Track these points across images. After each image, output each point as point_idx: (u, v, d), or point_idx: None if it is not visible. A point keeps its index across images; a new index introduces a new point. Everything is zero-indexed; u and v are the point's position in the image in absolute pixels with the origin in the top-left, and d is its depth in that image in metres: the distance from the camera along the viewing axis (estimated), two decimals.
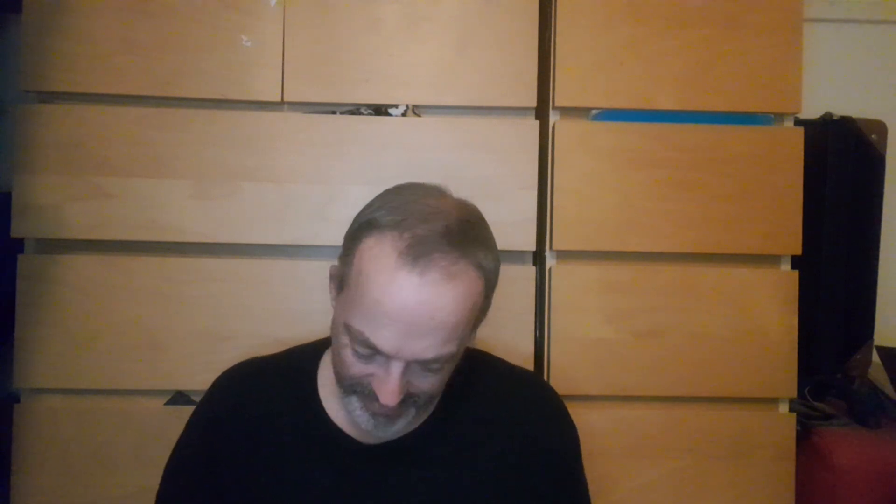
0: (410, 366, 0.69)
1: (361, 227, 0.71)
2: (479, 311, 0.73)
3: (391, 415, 0.72)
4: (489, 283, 0.73)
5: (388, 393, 0.69)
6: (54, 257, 1.09)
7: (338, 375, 0.75)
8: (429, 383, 0.72)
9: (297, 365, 0.85)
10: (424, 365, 0.69)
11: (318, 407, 0.81)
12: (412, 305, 0.66)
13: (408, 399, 0.72)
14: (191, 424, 0.85)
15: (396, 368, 0.69)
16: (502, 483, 0.80)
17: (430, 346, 0.68)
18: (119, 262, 1.09)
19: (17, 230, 1.09)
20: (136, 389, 1.10)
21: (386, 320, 0.67)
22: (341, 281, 0.73)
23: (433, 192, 0.74)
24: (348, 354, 0.71)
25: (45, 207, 1.08)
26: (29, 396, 1.10)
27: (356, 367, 0.71)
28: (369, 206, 0.75)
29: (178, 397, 1.10)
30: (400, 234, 0.68)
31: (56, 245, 1.10)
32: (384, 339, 0.67)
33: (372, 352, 0.69)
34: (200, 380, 1.09)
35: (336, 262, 0.76)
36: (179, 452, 0.84)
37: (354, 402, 0.74)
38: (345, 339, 0.71)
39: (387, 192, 0.76)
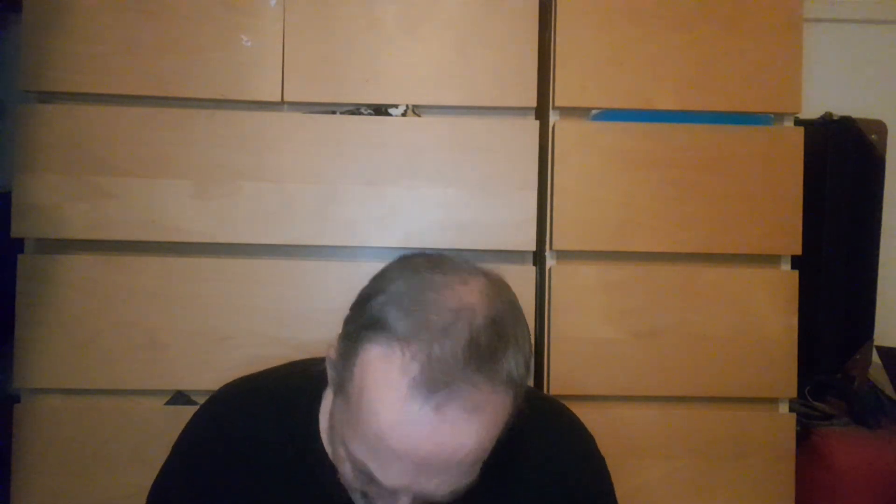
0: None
1: (366, 326, 0.58)
2: (506, 424, 0.60)
3: None
4: (518, 393, 0.59)
5: None
6: (54, 257, 1.09)
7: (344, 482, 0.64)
8: (443, 499, 0.59)
9: (299, 393, 0.75)
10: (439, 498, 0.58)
11: (319, 447, 0.71)
12: (426, 447, 0.54)
13: None
14: (175, 451, 0.77)
15: (404, 500, 0.58)
16: None
17: (444, 484, 0.57)
18: (119, 262, 1.09)
19: (17, 230, 1.09)
20: (136, 389, 1.10)
21: (393, 458, 0.55)
22: (339, 383, 0.61)
23: (454, 279, 0.59)
24: (347, 469, 0.61)
25: (45, 207, 1.08)
26: (29, 396, 1.10)
27: (356, 483, 0.61)
28: (377, 290, 0.60)
29: (178, 397, 1.10)
30: (413, 353, 0.54)
31: (56, 245, 1.10)
32: (391, 477, 0.56)
33: (368, 485, 0.59)
34: (200, 380, 1.09)
35: (333, 347, 0.64)
36: (162, 479, 0.78)
37: (358, 497, 0.64)
38: (342, 452, 0.60)
39: (400, 270, 0.62)
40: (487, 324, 0.56)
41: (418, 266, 0.61)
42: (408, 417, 0.53)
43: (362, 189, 1.11)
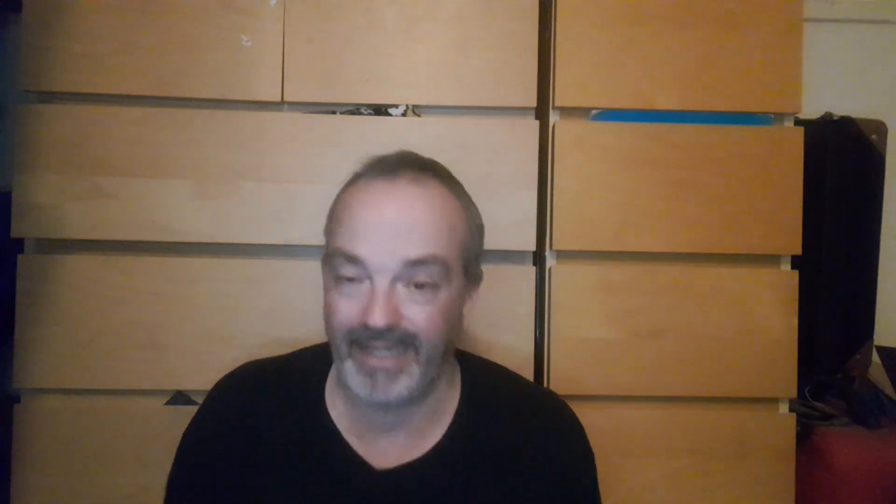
0: (397, 288, 0.69)
1: (346, 184, 0.78)
2: (463, 240, 0.75)
3: (390, 367, 0.69)
4: (471, 219, 0.78)
5: (377, 312, 0.67)
6: (54, 257, 1.09)
7: (333, 342, 0.72)
8: (424, 315, 0.69)
9: (302, 376, 0.81)
10: (410, 276, 0.69)
11: (328, 423, 0.77)
12: (387, 207, 0.70)
13: (406, 340, 0.69)
14: (189, 434, 0.81)
15: (382, 282, 0.68)
16: None
17: (415, 244, 0.69)
18: (119, 262, 1.09)
19: (17, 230, 1.09)
20: (136, 389, 1.10)
21: (363, 227, 0.69)
22: (328, 242, 0.76)
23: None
24: (335, 297, 0.71)
25: (45, 207, 1.08)
26: (29, 396, 1.10)
27: (344, 308, 0.70)
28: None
29: (178, 397, 1.10)
30: (365, 177, 0.75)
31: (56, 245, 1.10)
32: (365, 247, 0.68)
33: (355, 271, 0.69)
34: (200, 380, 1.09)
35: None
36: (178, 463, 0.81)
37: (350, 367, 0.70)
38: (330, 283, 0.73)
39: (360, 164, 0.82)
40: (428, 159, 0.79)
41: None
42: (371, 190, 0.72)
43: None
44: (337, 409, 0.78)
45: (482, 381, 0.83)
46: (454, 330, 0.75)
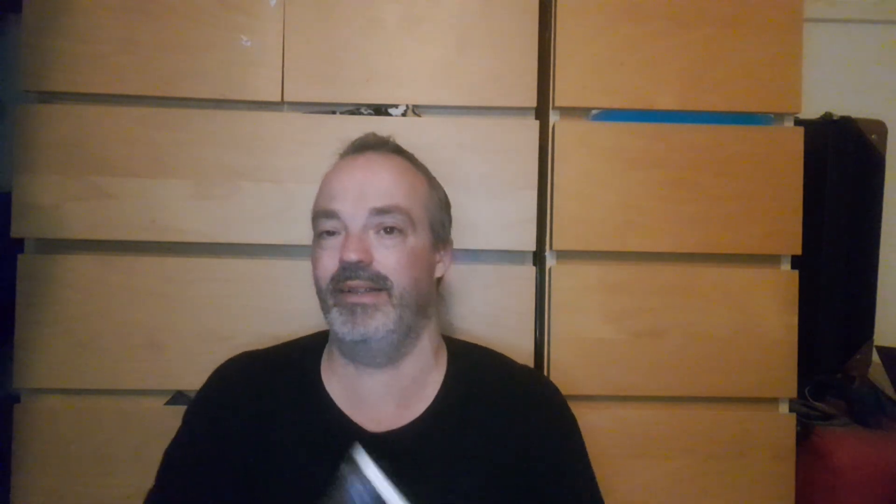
0: (368, 235, 0.79)
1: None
2: (425, 200, 0.86)
3: (366, 302, 0.77)
4: (430, 183, 0.89)
5: (350, 248, 0.77)
6: (54, 257, 1.09)
7: (320, 295, 0.81)
8: (393, 258, 0.79)
9: (299, 356, 0.88)
10: (379, 223, 0.79)
11: (324, 395, 0.83)
12: (357, 171, 0.83)
13: (378, 281, 0.78)
14: (189, 420, 0.85)
15: (354, 228, 0.79)
16: (500, 482, 0.81)
17: (379, 196, 0.80)
18: (119, 262, 1.09)
19: (17, 230, 1.09)
20: (136, 389, 1.10)
21: (338, 188, 0.81)
22: (313, 212, 0.84)
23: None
24: (317, 252, 0.81)
25: (45, 207, 1.08)
26: (29, 396, 1.10)
27: (325, 257, 0.80)
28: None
29: (178, 397, 1.10)
30: (345, 156, 0.88)
31: (56, 245, 1.10)
32: (339, 203, 0.80)
33: (332, 224, 0.80)
34: (200, 380, 1.08)
35: None
36: (178, 448, 0.84)
37: (335, 313, 0.79)
38: (314, 244, 0.83)
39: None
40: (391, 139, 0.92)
41: None
42: (344, 163, 0.86)
43: None
44: (332, 384, 0.84)
45: (466, 354, 0.90)
46: (424, 281, 0.83)
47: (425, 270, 0.84)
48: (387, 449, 0.79)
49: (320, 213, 0.82)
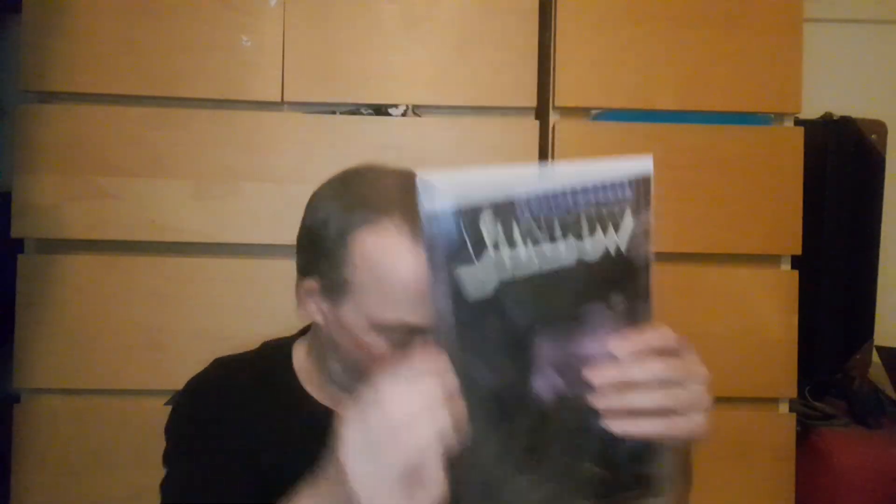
0: None
1: (341, 233, 0.70)
2: None
3: None
4: None
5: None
6: (54, 257, 1.09)
7: (361, 375, 0.71)
8: None
9: (270, 358, 0.86)
10: None
11: (302, 392, 0.81)
12: (421, 264, 0.66)
13: None
14: (172, 436, 0.82)
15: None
16: None
17: None
18: (119, 262, 1.09)
19: (17, 230, 1.09)
20: (136, 389, 1.10)
21: (420, 296, 0.66)
22: (337, 289, 0.71)
23: (370, 171, 0.76)
24: (382, 348, 0.70)
25: (45, 207, 1.08)
26: (29, 396, 1.10)
27: (392, 341, 0.70)
28: (322, 211, 0.73)
29: None
30: (391, 217, 0.68)
31: (56, 245, 1.10)
32: (422, 314, 0.67)
33: (403, 333, 0.69)
34: None
35: (304, 281, 0.74)
36: (172, 468, 0.81)
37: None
38: (373, 338, 0.70)
39: (328, 191, 0.76)
40: (412, 177, 0.66)
41: (333, 180, 0.77)
42: (414, 256, 0.66)
43: None
44: (309, 382, 0.81)
45: None
46: None
47: None
48: None
49: (397, 327, 0.68)
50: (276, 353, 0.86)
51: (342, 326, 0.73)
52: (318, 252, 0.72)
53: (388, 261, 0.68)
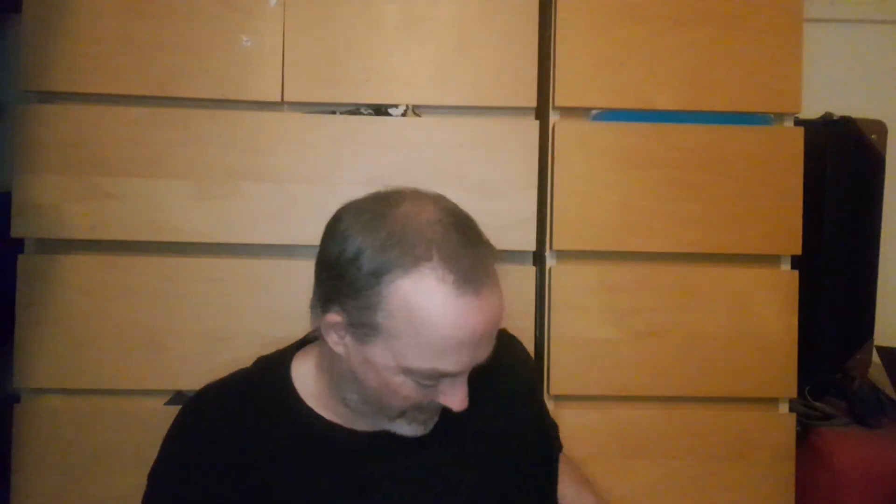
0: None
1: (375, 273, 0.66)
2: None
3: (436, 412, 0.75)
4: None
5: (460, 401, 0.71)
6: (54, 257, 1.09)
7: (381, 406, 0.74)
8: None
9: (268, 377, 0.82)
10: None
11: (305, 408, 0.78)
12: (481, 325, 0.67)
13: None
14: (168, 461, 0.80)
15: (464, 378, 0.71)
16: (491, 457, 0.81)
17: (489, 348, 0.71)
18: (119, 262, 1.09)
19: (17, 230, 1.09)
20: (136, 389, 1.10)
21: (457, 348, 0.67)
22: (366, 329, 0.69)
23: (405, 202, 0.71)
24: (409, 388, 0.70)
25: (45, 207, 1.08)
26: (29, 396, 1.10)
27: (418, 395, 0.71)
28: (349, 243, 0.69)
29: (178, 397, 1.10)
30: (432, 266, 0.65)
31: (56, 245, 1.10)
32: (457, 363, 0.68)
33: (440, 379, 0.70)
34: (200, 380, 1.08)
35: (327, 313, 0.71)
36: (155, 490, 0.79)
37: (401, 423, 0.75)
38: (401, 379, 0.70)
39: (361, 223, 0.70)
40: (456, 219, 0.70)
41: (365, 210, 0.72)
42: (463, 311, 0.65)
43: (362, 189, 1.10)
44: (312, 399, 0.79)
45: None
46: None
47: None
48: (384, 444, 0.77)
49: (427, 374, 0.68)
50: (273, 375, 0.82)
51: (367, 363, 0.70)
52: (346, 287, 0.69)
53: (427, 313, 0.65)
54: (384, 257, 0.66)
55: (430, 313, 0.65)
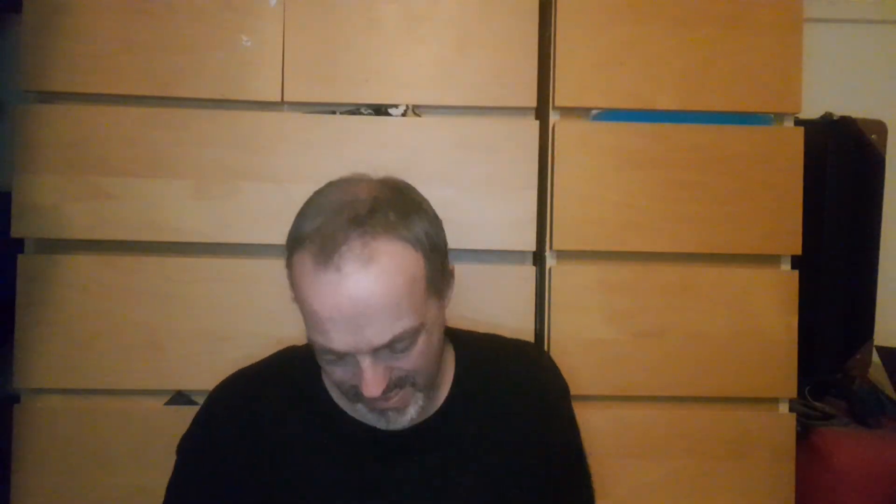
0: (379, 354, 0.69)
1: (292, 244, 0.71)
2: (426, 278, 0.71)
3: (397, 406, 0.73)
4: (425, 247, 0.71)
5: (369, 386, 0.69)
6: (54, 257, 1.09)
7: (339, 387, 0.76)
8: (410, 362, 0.71)
9: (297, 364, 0.84)
10: (390, 348, 0.69)
11: (328, 398, 0.81)
12: (343, 302, 0.66)
13: (403, 383, 0.72)
14: (194, 442, 0.81)
15: (364, 360, 0.69)
16: (523, 460, 0.82)
17: (380, 331, 0.67)
18: (119, 262, 1.09)
19: (17, 230, 1.09)
20: (136, 389, 1.10)
21: (329, 324, 0.67)
22: (300, 308, 0.72)
23: (350, 182, 0.74)
24: (331, 368, 0.72)
25: (45, 207, 1.08)
26: (29, 396, 1.10)
27: (339, 375, 0.72)
28: (298, 215, 0.73)
29: (178, 397, 1.10)
30: (312, 241, 0.68)
31: (56, 245, 1.10)
32: (336, 341, 0.67)
33: (335, 355, 0.69)
34: (200, 380, 1.09)
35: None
36: (178, 476, 0.81)
37: (361, 408, 0.76)
38: (325, 362, 0.72)
39: (313, 195, 0.75)
40: (370, 201, 0.69)
41: (322, 189, 0.76)
42: (321, 286, 0.66)
43: None
44: (336, 391, 0.81)
45: (469, 344, 0.89)
46: (441, 343, 0.78)
47: (440, 333, 0.76)
48: (408, 446, 0.79)
49: (320, 349, 0.70)
50: (306, 362, 0.82)
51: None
52: (286, 256, 0.73)
53: (299, 289, 0.69)
54: (291, 236, 0.72)
55: (300, 289, 0.69)
